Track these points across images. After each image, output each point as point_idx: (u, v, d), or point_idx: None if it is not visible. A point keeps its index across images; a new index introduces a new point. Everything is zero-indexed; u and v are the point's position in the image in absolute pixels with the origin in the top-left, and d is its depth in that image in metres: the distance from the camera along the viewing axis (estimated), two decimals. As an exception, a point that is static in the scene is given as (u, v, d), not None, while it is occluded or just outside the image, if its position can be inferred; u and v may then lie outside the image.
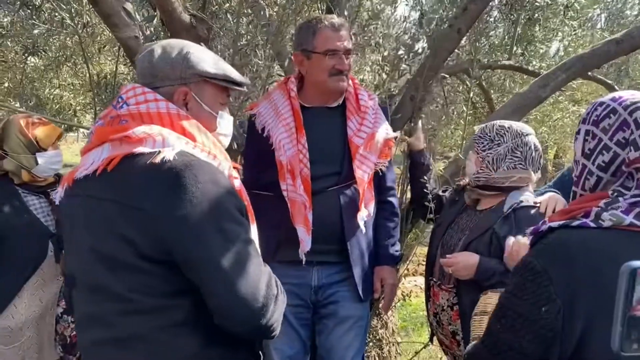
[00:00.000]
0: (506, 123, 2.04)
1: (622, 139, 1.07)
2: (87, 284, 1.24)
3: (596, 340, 0.98)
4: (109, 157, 1.19)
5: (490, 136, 1.99)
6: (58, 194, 1.32)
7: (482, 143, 2.00)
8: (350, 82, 2.15)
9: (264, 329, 1.17)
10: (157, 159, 1.15)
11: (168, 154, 1.15)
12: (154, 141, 1.18)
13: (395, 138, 2.21)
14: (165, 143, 1.18)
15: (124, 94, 1.27)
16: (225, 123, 1.39)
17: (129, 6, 2.28)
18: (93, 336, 1.23)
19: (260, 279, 1.17)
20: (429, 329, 2.25)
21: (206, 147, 1.25)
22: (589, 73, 3.54)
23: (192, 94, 1.29)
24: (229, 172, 1.29)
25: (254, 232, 1.31)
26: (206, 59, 1.31)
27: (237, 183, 1.31)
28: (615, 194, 1.06)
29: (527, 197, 1.97)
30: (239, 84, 1.37)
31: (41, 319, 2.26)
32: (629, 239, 1.01)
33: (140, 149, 1.17)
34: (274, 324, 1.19)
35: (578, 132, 1.16)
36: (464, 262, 1.89)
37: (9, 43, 4.07)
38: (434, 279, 2.10)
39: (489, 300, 1.71)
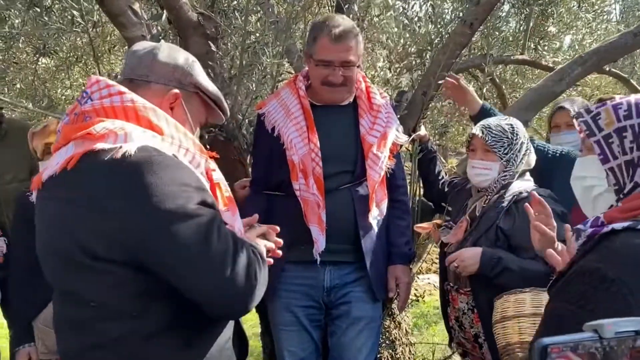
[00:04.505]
0: (508, 118, 2.08)
1: None
2: (60, 288, 1.23)
3: None
4: (70, 156, 1.16)
5: (507, 136, 1.99)
6: (33, 196, 1.29)
7: (502, 145, 1.99)
8: (361, 79, 2.12)
9: (251, 305, 1.18)
10: (118, 155, 1.11)
11: (128, 149, 1.12)
12: (115, 136, 1.14)
13: (413, 141, 2.18)
14: (128, 138, 1.14)
15: (88, 89, 1.23)
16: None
17: (136, 5, 2.26)
18: (76, 341, 1.20)
19: (237, 262, 1.13)
20: (447, 334, 2.22)
21: (176, 139, 1.22)
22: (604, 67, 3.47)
23: (181, 100, 1.30)
24: (206, 165, 1.26)
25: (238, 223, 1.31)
26: (206, 77, 1.37)
27: (216, 175, 1.29)
28: None
29: (528, 186, 2.00)
30: (223, 112, 1.41)
31: None
32: None
33: (100, 145, 1.13)
34: (258, 297, 1.19)
35: (620, 131, 1.08)
36: (467, 252, 1.89)
37: (20, 44, 4.08)
38: (450, 284, 2.07)
39: (507, 305, 1.67)
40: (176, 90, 1.29)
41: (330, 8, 2.91)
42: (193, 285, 1.11)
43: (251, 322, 3.76)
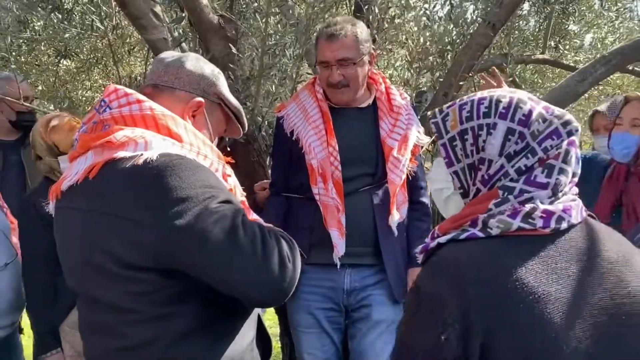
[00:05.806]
0: None
1: (549, 146, 0.99)
2: (86, 296, 1.24)
3: (496, 356, 0.90)
4: (91, 165, 1.16)
5: None
6: (50, 206, 1.29)
7: None
8: (381, 80, 2.10)
9: (290, 288, 1.16)
10: (139, 162, 1.11)
11: (150, 156, 1.12)
12: (135, 144, 1.15)
13: (433, 142, 2.16)
14: (148, 146, 1.15)
15: (106, 97, 1.23)
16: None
17: (157, 8, 2.28)
18: (102, 345, 1.21)
19: (268, 249, 1.12)
20: None
21: (194, 146, 1.22)
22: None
23: (204, 108, 1.32)
24: (223, 170, 1.28)
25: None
26: (229, 90, 1.39)
27: (231, 180, 1.30)
28: (505, 192, 0.97)
29: None
30: (242, 126, 1.43)
31: None
32: (518, 245, 0.94)
33: (121, 154, 1.13)
34: (295, 280, 1.18)
35: (462, 134, 1.03)
36: None
37: (42, 47, 4.14)
38: None
39: None
40: (200, 99, 1.30)
41: (349, 10, 2.90)
42: (228, 280, 1.11)
43: (269, 323, 3.77)
